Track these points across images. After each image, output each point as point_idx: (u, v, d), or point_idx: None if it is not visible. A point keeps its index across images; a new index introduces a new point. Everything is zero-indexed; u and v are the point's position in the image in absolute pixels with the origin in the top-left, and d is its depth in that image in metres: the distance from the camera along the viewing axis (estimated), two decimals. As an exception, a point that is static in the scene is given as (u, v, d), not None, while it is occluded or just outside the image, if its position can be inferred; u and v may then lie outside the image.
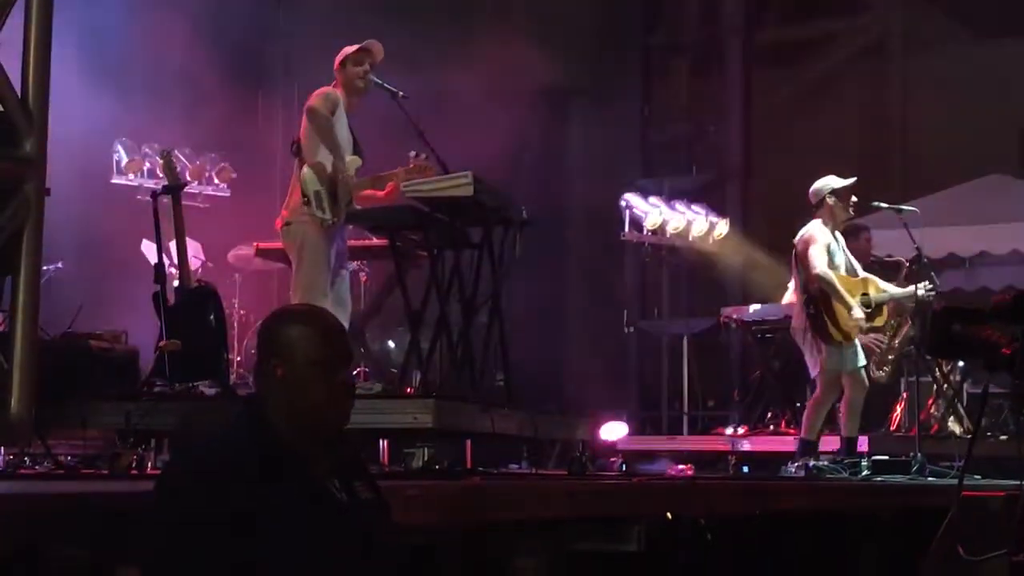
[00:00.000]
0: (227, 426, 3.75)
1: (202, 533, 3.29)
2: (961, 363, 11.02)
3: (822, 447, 9.54)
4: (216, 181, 13.35)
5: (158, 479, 3.79)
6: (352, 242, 7.61)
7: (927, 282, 9.59)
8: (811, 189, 9.38)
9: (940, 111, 15.16)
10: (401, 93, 7.61)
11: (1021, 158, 17.56)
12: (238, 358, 9.64)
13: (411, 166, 7.43)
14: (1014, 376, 3.96)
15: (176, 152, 10.55)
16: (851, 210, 9.39)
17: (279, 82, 14.21)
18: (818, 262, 9.06)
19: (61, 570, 3.51)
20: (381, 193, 7.48)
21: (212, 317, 7.60)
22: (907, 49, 16.44)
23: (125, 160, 12.85)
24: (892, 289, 9.58)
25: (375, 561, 3.60)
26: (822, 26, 17.63)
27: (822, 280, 9.05)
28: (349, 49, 7.55)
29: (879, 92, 15.91)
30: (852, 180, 9.38)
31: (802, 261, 9.21)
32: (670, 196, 13.52)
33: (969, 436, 10.82)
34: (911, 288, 9.54)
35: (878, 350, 10.51)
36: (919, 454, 9.53)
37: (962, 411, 11.84)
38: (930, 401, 11.85)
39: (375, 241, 7.80)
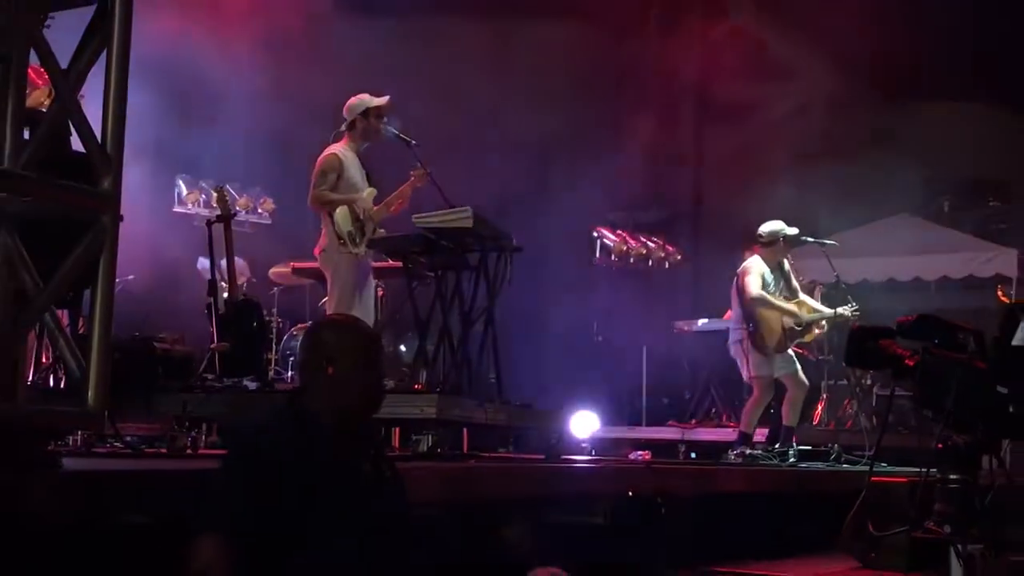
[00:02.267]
0: (274, 414, 3.87)
1: (254, 489, 3.34)
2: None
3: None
4: (260, 211, 13.41)
5: (223, 455, 3.84)
6: (373, 264, 7.60)
7: (852, 304, 9.61)
8: (766, 230, 9.37)
9: (855, 160, 15.18)
10: (414, 142, 7.62)
11: (924, 201, 17.63)
12: (275, 357, 9.59)
13: (414, 178, 7.47)
14: (915, 382, 3.96)
15: (227, 187, 10.56)
16: (786, 247, 9.43)
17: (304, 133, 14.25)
18: (753, 288, 9.12)
19: (129, 534, 3.49)
20: (394, 212, 7.53)
21: (254, 324, 7.65)
22: (829, 109, 16.47)
23: (185, 192, 12.88)
24: (824, 310, 9.58)
25: (392, 528, 3.61)
26: (760, 89, 17.68)
27: (756, 301, 9.09)
28: (373, 101, 7.52)
29: (805, 144, 15.93)
30: (795, 231, 9.43)
31: (740, 289, 9.25)
32: (634, 229, 13.58)
33: (877, 431, 10.85)
34: (838, 309, 9.57)
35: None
36: (836, 445, 9.57)
37: (870, 410, 11.87)
38: (846, 401, 11.89)
39: (391, 263, 7.79)
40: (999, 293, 15.05)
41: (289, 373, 9.63)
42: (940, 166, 18.12)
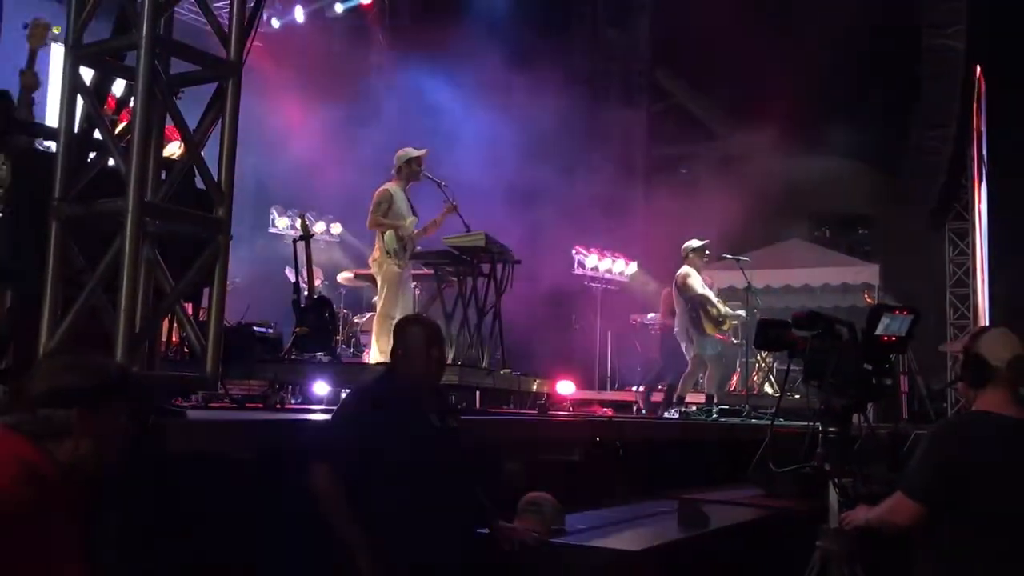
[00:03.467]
0: (374, 379, 4.02)
1: (357, 427, 3.46)
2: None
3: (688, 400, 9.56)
4: (330, 231, 13.41)
5: (346, 397, 3.92)
6: (412, 272, 7.59)
7: (755, 310, 9.70)
8: (690, 246, 9.39)
9: (762, 199, 15.14)
10: (444, 183, 7.61)
11: (811, 230, 17.66)
12: (341, 339, 9.56)
13: (445, 210, 7.44)
14: (805, 361, 3.93)
15: (307, 215, 10.57)
16: (705, 259, 9.42)
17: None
18: (697, 288, 9.10)
19: (235, 467, 3.48)
20: (429, 234, 7.50)
21: (327, 315, 7.59)
22: (743, 160, 16.49)
23: (276, 217, 12.89)
24: (732, 312, 9.58)
25: (456, 461, 3.64)
26: (690, 146, 17.73)
27: (701, 297, 9.08)
28: (414, 153, 7.54)
29: (726, 186, 15.89)
30: (706, 241, 9.40)
31: (682, 289, 9.22)
32: (602, 248, 13.56)
33: (778, 395, 10.83)
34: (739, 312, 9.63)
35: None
36: (747, 405, 9.54)
37: (773, 380, 11.84)
38: (755, 373, 11.87)
39: (425, 271, 7.76)
40: (865, 296, 15.08)
41: (351, 350, 9.63)
42: (823, 204, 18.18)
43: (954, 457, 3.25)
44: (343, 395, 5.56)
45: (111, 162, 3.64)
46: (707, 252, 9.34)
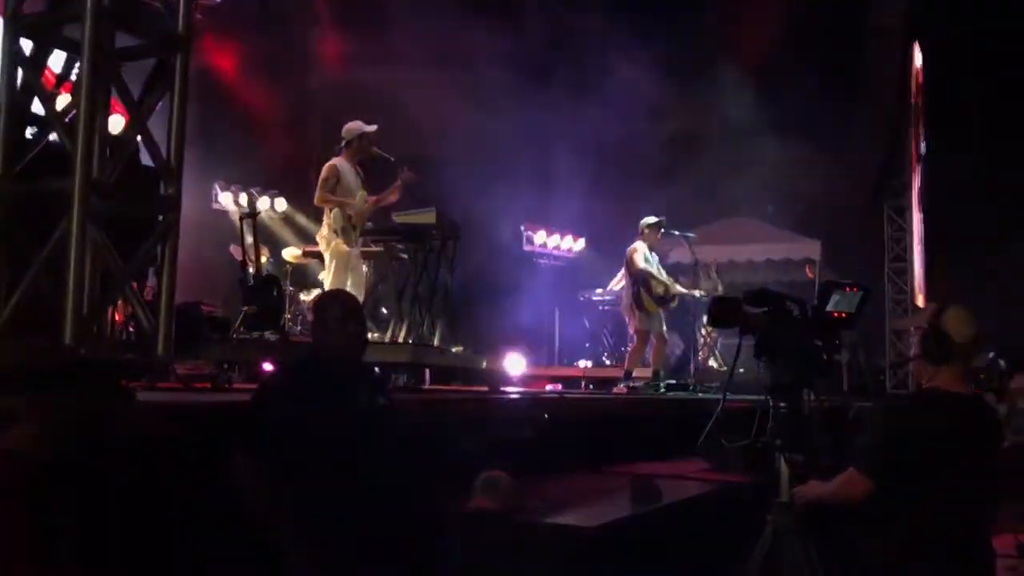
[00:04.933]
0: (296, 359, 4.01)
1: (277, 408, 3.37)
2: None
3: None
4: (275, 207, 13.21)
5: (265, 379, 3.83)
6: (362, 248, 7.49)
7: (703, 293, 9.81)
8: (643, 222, 9.43)
9: (713, 180, 15.24)
10: (393, 159, 7.51)
11: (755, 206, 17.85)
12: (288, 317, 9.43)
13: (399, 182, 7.33)
14: (756, 337, 3.97)
15: (251, 190, 10.42)
16: (659, 236, 9.46)
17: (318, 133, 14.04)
18: (640, 263, 9.16)
19: (188, 450, 3.42)
20: (393, 200, 7.38)
21: (274, 293, 7.46)
22: (694, 144, 16.58)
23: (219, 193, 12.66)
24: (684, 291, 9.67)
25: (387, 441, 3.60)
26: (639, 128, 17.73)
27: (642, 271, 9.14)
28: (365, 128, 7.41)
29: (672, 163, 15.92)
30: (661, 218, 9.45)
31: (629, 263, 9.27)
32: (551, 225, 13.58)
33: (724, 369, 10.99)
34: (695, 292, 9.71)
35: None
36: (693, 380, 9.66)
37: (718, 354, 12.00)
38: (701, 348, 11.98)
39: (375, 248, 7.66)
40: (807, 269, 15.39)
41: (299, 328, 9.51)
42: (767, 184, 18.38)
43: (907, 434, 3.31)
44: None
45: (52, 138, 3.52)
46: (662, 229, 9.38)
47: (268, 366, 6.58)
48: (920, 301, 17.63)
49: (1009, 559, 5.03)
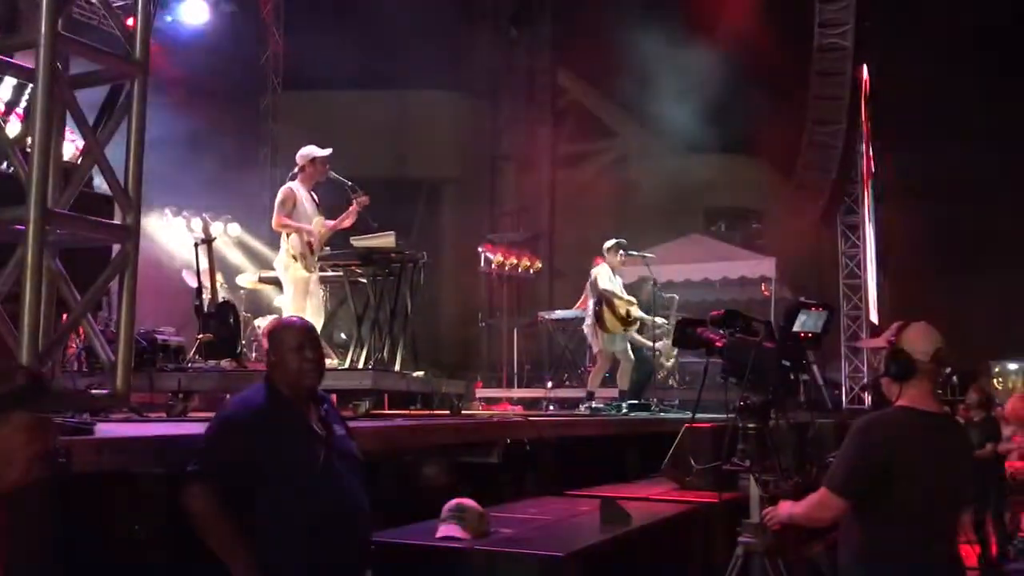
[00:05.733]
0: (251, 388, 3.70)
1: (233, 440, 3.28)
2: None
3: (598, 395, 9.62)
4: (228, 232, 13.06)
5: (221, 410, 3.72)
6: (320, 273, 7.40)
7: (666, 321, 9.82)
8: (605, 245, 9.44)
9: (661, 194, 15.37)
10: (350, 183, 7.46)
11: (706, 225, 18.05)
12: (243, 344, 9.26)
13: (357, 203, 7.26)
14: (723, 358, 3.99)
15: (205, 215, 10.26)
16: (620, 258, 9.47)
17: (268, 164, 13.96)
18: (603, 284, 9.17)
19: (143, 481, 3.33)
20: (347, 225, 7.29)
21: (231, 320, 7.33)
22: (637, 160, 16.76)
23: (172, 219, 12.47)
24: (645, 316, 9.68)
25: (345, 470, 3.53)
26: (591, 144, 17.90)
27: (606, 292, 9.14)
28: (318, 153, 7.35)
29: (626, 183, 16.11)
30: (619, 240, 9.48)
31: (594, 286, 9.28)
32: (508, 246, 13.56)
33: (682, 388, 11.05)
34: (656, 319, 9.72)
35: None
36: (655, 400, 9.68)
37: (678, 374, 12.04)
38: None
39: (333, 273, 7.56)
40: (763, 288, 15.52)
41: (253, 354, 9.37)
42: (718, 200, 18.62)
43: (878, 454, 3.33)
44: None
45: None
46: (622, 251, 9.39)
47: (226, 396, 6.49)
48: (874, 317, 17.94)
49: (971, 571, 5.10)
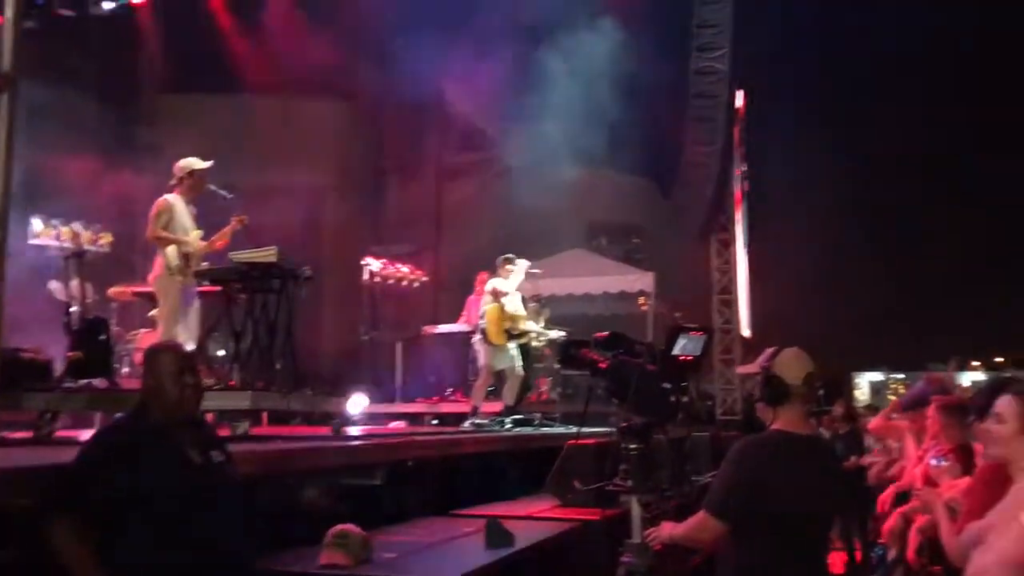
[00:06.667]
0: (124, 416, 3.65)
1: (104, 471, 3.17)
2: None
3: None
4: (100, 243, 12.49)
5: (91, 438, 3.56)
6: (198, 289, 7.15)
7: (560, 331, 9.91)
8: (498, 260, 9.44)
9: (543, 209, 15.45)
10: (229, 195, 7.24)
11: (588, 239, 18.34)
12: (116, 359, 8.85)
13: (234, 222, 7.06)
14: (607, 380, 4.03)
15: (75, 225, 9.80)
16: (508, 271, 9.46)
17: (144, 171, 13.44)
18: (492, 298, 9.15)
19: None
20: (219, 247, 7.11)
21: (102, 336, 7.00)
22: (521, 174, 16.86)
23: (39, 228, 11.83)
24: (535, 328, 9.73)
25: (224, 499, 3.42)
26: (475, 156, 17.93)
27: (494, 309, 9.13)
28: (198, 165, 7.12)
29: (508, 197, 16.17)
30: (509, 255, 9.46)
31: (495, 294, 9.23)
32: (392, 258, 13.43)
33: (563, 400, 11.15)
34: (550, 333, 9.78)
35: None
36: (538, 415, 9.73)
37: (560, 388, 12.17)
38: (542, 383, 12.13)
39: (213, 288, 7.31)
40: (640, 302, 15.87)
41: (126, 369, 8.98)
42: (600, 215, 18.94)
43: (753, 477, 3.43)
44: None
45: None
46: (510, 264, 9.41)
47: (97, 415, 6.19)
48: (746, 331, 18.58)
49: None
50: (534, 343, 10.08)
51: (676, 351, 4.01)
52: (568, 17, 15.91)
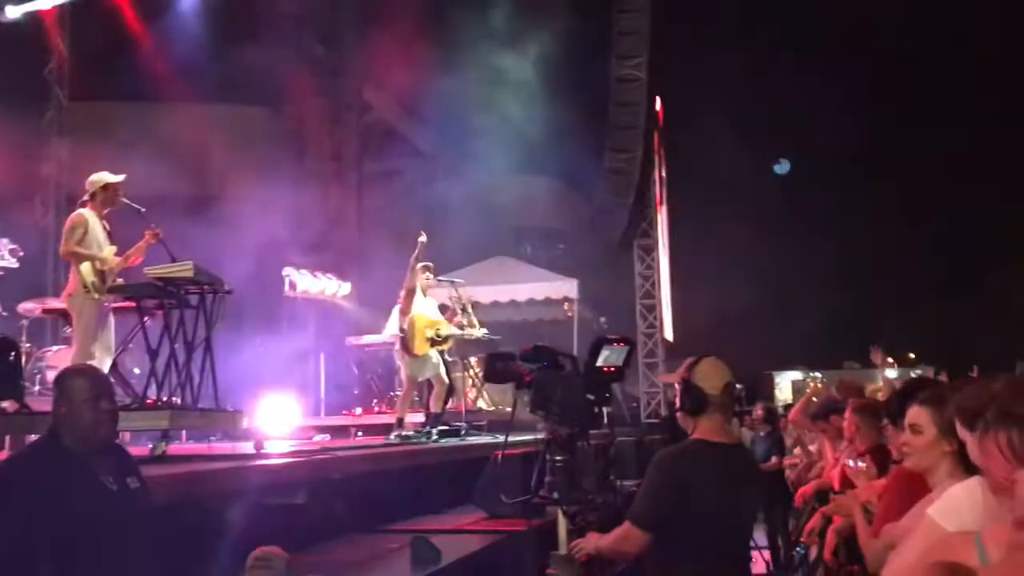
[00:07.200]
0: (36, 442, 3.59)
1: (13, 504, 3.04)
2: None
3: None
4: (8, 257, 12.03)
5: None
6: (112, 305, 6.93)
7: (484, 329, 9.89)
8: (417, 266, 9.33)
9: (467, 216, 15.39)
10: (143, 209, 7.05)
11: (513, 246, 18.39)
12: (27, 384, 8.51)
13: (147, 237, 6.87)
14: (532, 392, 4.03)
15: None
16: (428, 280, 9.36)
17: (52, 183, 13.01)
18: (412, 308, 9.06)
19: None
20: (134, 263, 6.92)
21: (11, 356, 6.72)
22: (445, 181, 16.80)
23: (-61, 243, 11.34)
24: (455, 331, 9.66)
25: (141, 526, 3.32)
26: (398, 163, 17.84)
27: (411, 318, 9.03)
28: (110, 179, 6.93)
29: (431, 205, 16.09)
30: (430, 264, 9.39)
31: (403, 311, 9.16)
32: (314, 268, 13.27)
33: (492, 409, 11.14)
34: (473, 332, 9.74)
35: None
36: (464, 424, 9.67)
37: (486, 395, 12.16)
38: (467, 391, 12.09)
39: (127, 304, 7.09)
40: (566, 308, 15.99)
41: (36, 388, 8.67)
42: (524, 221, 19.00)
43: (675, 488, 3.47)
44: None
45: None
46: (428, 275, 9.32)
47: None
48: (669, 335, 18.83)
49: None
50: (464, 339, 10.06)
51: (600, 362, 4.03)
52: (491, 24, 15.96)
